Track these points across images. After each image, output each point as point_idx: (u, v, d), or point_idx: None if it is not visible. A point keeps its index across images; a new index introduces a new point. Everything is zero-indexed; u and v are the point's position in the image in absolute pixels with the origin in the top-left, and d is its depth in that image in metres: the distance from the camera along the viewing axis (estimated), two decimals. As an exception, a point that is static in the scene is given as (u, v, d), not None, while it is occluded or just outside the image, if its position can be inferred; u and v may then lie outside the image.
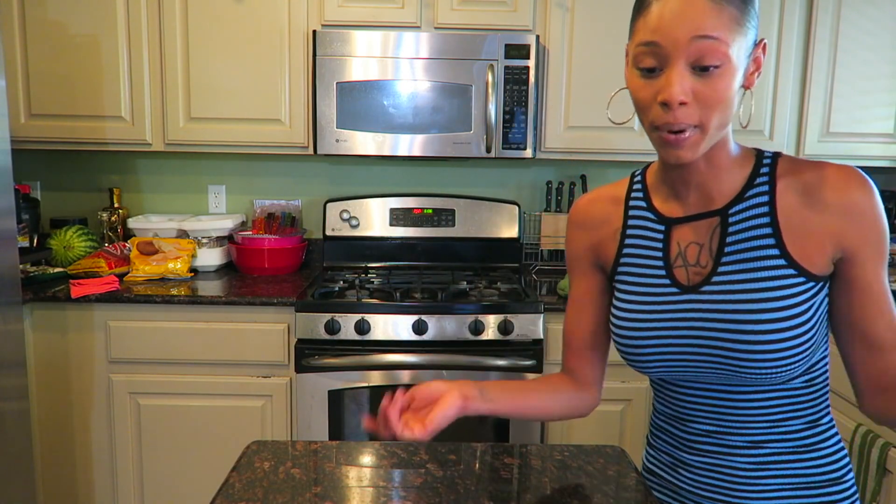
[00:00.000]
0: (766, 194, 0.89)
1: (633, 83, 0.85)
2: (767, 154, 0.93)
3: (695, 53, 0.79)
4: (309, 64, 2.32)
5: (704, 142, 0.84)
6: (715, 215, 0.92)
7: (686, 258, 0.93)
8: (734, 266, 0.89)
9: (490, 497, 0.95)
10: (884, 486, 1.74)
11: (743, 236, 0.89)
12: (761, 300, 0.87)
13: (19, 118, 2.31)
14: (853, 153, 2.43)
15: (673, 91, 0.80)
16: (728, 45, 0.79)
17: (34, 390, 2.14)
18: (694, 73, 0.80)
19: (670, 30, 0.79)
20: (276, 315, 2.12)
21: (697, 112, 0.81)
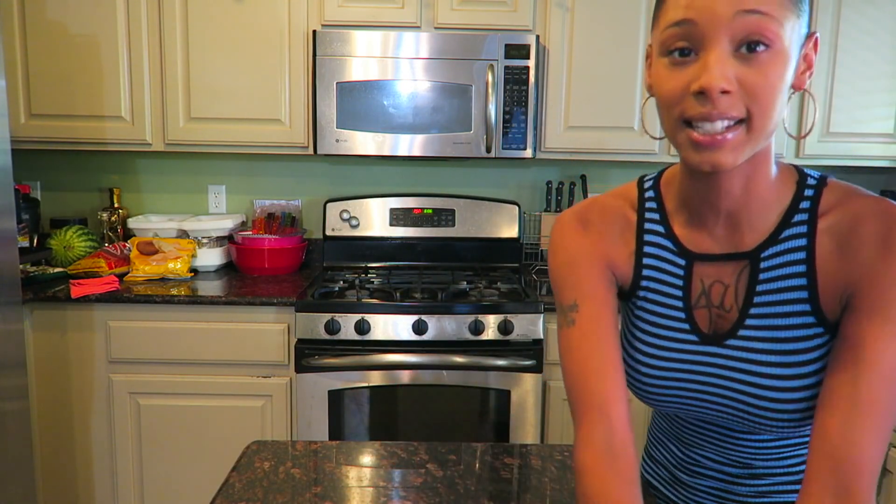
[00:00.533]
0: (805, 236, 0.75)
1: (660, 75, 0.71)
2: (812, 179, 0.78)
3: (740, 31, 0.65)
4: (309, 64, 2.32)
5: (749, 145, 0.68)
6: (745, 258, 0.78)
7: (710, 298, 0.81)
8: (762, 321, 0.78)
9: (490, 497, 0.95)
10: (884, 486, 1.74)
11: (775, 286, 0.77)
12: (789, 364, 0.76)
13: (19, 118, 2.31)
14: (853, 153, 2.43)
15: (713, 75, 0.65)
16: (780, 23, 0.65)
17: (34, 390, 2.14)
18: (738, 58, 0.66)
19: (709, 2, 0.65)
20: (276, 315, 2.12)
21: (743, 103, 0.66)
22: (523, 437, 2.13)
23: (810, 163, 2.46)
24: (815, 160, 2.45)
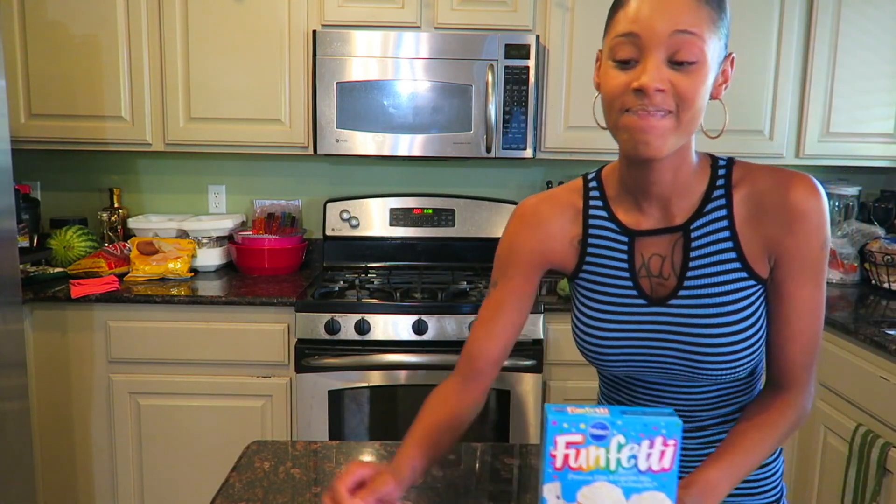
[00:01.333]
0: (724, 207, 0.91)
1: (607, 74, 0.84)
2: (721, 162, 0.94)
3: (673, 47, 0.80)
4: (309, 64, 2.32)
5: (675, 136, 0.83)
6: (677, 231, 0.92)
7: (650, 269, 0.94)
8: (699, 280, 0.91)
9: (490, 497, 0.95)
10: (884, 486, 1.74)
11: (706, 251, 0.91)
12: (727, 313, 0.90)
13: (19, 118, 2.31)
14: (853, 153, 2.43)
15: (650, 76, 0.79)
16: (705, 42, 0.80)
17: (34, 390, 2.14)
18: (670, 66, 0.80)
19: (651, 21, 0.80)
20: (276, 315, 2.12)
21: (673, 101, 0.81)
22: (523, 437, 2.13)
23: (810, 163, 2.46)
24: (816, 160, 2.45)
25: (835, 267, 2.51)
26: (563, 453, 0.75)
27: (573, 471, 0.75)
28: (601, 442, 0.74)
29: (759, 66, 2.36)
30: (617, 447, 0.74)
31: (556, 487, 0.76)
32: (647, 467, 0.75)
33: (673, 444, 0.74)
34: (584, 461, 0.75)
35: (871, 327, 1.89)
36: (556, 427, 0.74)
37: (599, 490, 0.76)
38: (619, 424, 0.74)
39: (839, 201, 2.68)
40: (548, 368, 2.15)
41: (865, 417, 1.85)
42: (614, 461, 0.75)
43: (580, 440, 0.74)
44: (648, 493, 0.76)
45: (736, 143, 2.39)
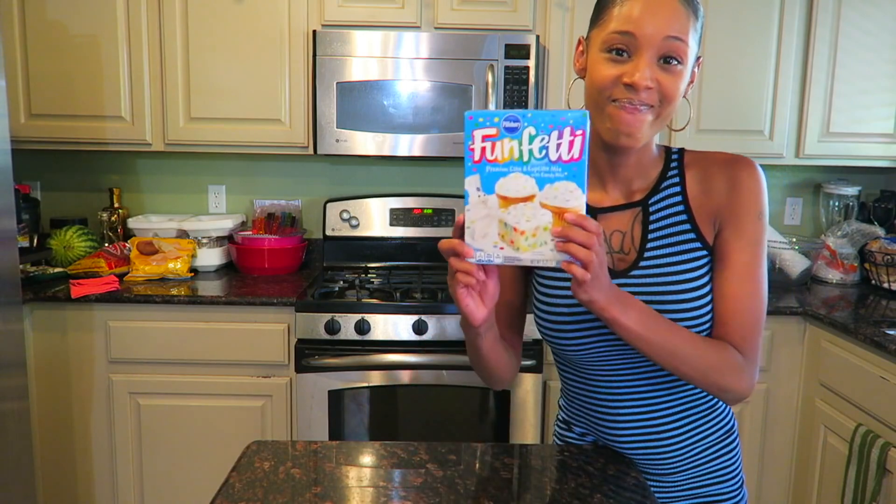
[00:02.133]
0: (678, 184, 1.00)
1: (600, 65, 0.92)
2: (674, 150, 1.03)
3: (664, 49, 0.89)
4: (309, 64, 2.32)
5: (653, 128, 0.93)
6: (637, 206, 1.00)
7: (611, 245, 1.01)
8: (658, 251, 0.98)
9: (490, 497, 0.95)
10: (884, 486, 1.74)
11: (663, 223, 0.99)
12: (684, 280, 0.97)
13: (19, 118, 2.31)
14: (853, 153, 2.43)
15: (643, 75, 0.88)
16: (688, 47, 0.91)
17: (34, 390, 2.14)
18: (658, 66, 0.90)
19: (646, 25, 0.88)
20: (276, 315, 2.12)
21: (657, 97, 0.90)
22: (523, 437, 2.13)
23: (810, 163, 2.46)
24: (816, 160, 2.45)
25: (835, 267, 2.51)
26: (480, 146, 0.81)
27: (490, 163, 0.81)
28: (514, 134, 0.80)
29: (759, 66, 2.36)
30: (529, 139, 0.80)
31: (476, 180, 0.82)
32: (558, 157, 0.80)
33: (581, 135, 0.79)
34: (500, 153, 0.81)
35: (871, 327, 1.89)
36: (472, 122, 0.80)
37: (515, 181, 0.81)
38: (529, 117, 0.80)
39: (839, 201, 2.68)
40: (548, 368, 2.15)
41: (865, 417, 1.85)
42: (527, 153, 0.80)
43: (495, 133, 0.80)
44: (560, 183, 0.81)
45: (736, 143, 2.39)
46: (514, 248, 0.83)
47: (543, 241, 0.82)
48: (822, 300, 2.24)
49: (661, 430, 1.04)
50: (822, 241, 2.54)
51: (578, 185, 0.80)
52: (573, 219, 0.80)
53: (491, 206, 0.82)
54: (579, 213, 0.80)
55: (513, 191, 0.81)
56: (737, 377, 0.94)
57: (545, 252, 0.82)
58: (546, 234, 0.82)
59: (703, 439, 1.06)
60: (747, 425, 2.19)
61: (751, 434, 2.20)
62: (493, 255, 0.83)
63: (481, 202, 0.82)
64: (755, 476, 2.23)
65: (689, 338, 0.93)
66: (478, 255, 0.84)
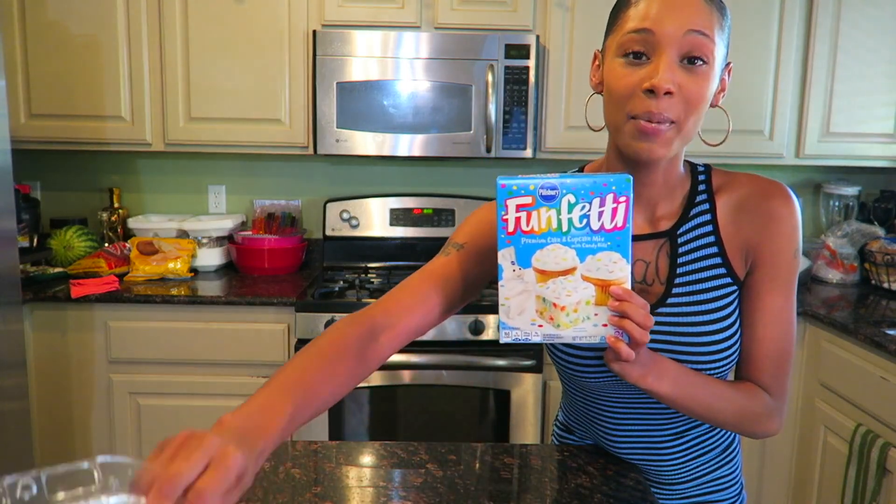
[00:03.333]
0: (709, 212, 0.92)
1: (615, 72, 0.84)
2: (701, 167, 0.96)
3: (686, 46, 0.80)
4: (309, 64, 2.32)
5: (676, 142, 0.84)
6: (663, 236, 0.93)
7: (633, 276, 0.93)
8: (687, 287, 0.91)
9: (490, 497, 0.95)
10: (884, 486, 1.74)
11: (692, 256, 0.92)
12: (714, 320, 0.91)
13: (19, 118, 2.31)
14: (853, 153, 2.43)
15: (664, 77, 0.79)
16: (714, 44, 0.81)
17: (34, 390, 2.14)
18: (681, 67, 0.81)
19: (665, 19, 0.80)
20: (276, 315, 2.12)
21: (679, 107, 0.81)
22: (523, 437, 2.13)
23: (810, 163, 2.46)
24: (815, 160, 2.45)
25: (835, 267, 2.50)
26: (514, 217, 0.75)
27: (525, 234, 0.75)
28: (551, 203, 0.74)
29: (759, 66, 2.36)
30: (568, 207, 0.74)
31: (511, 253, 0.76)
32: (600, 226, 0.74)
33: (625, 201, 0.74)
34: (536, 223, 0.75)
35: (871, 327, 1.89)
36: (506, 190, 0.74)
37: (554, 253, 0.75)
38: (568, 184, 0.74)
39: (839, 201, 2.68)
40: (548, 369, 2.15)
41: (865, 417, 1.85)
42: (566, 222, 0.74)
43: (530, 202, 0.74)
44: (603, 254, 0.75)
45: (736, 143, 2.39)
46: (554, 325, 0.77)
47: (586, 315, 0.76)
48: (822, 300, 2.24)
49: (663, 446, 1.02)
50: (822, 241, 2.54)
51: (623, 255, 0.75)
52: (621, 293, 0.75)
53: (528, 281, 0.76)
54: (626, 288, 0.75)
55: (551, 264, 0.75)
56: (769, 421, 0.92)
57: (587, 328, 0.77)
58: (588, 309, 0.76)
59: (705, 454, 1.04)
60: (747, 425, 2.19)
61: (751, 434, 2.19)
62: (532, 333, 0.77)
63: (517, 277, 0.76)
64: (755, 476, 2.23)
65: (723, 391, 0.89)
66: (514, 333, 0.77)
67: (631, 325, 0.75)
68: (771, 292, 0.91)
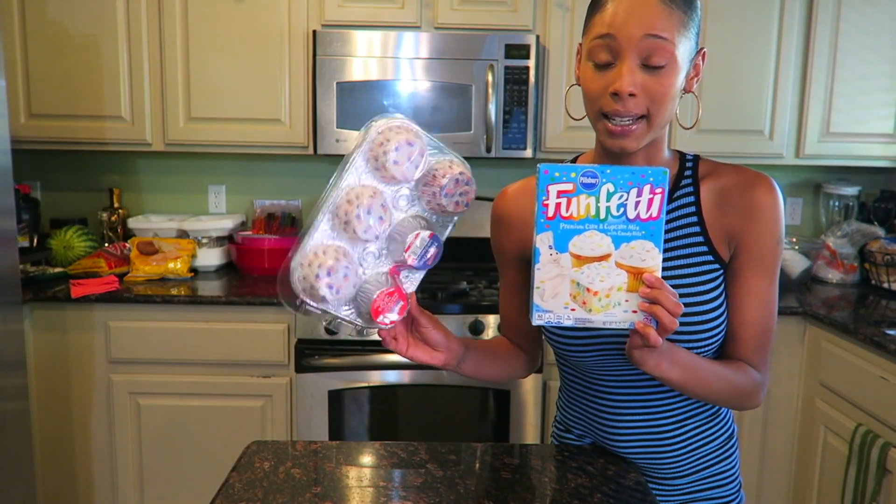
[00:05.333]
0: (692, 195, 0.98)
1: (586, 75, 0.91)
2: (689, 157, 1.01)
3: (645, 50, 0.86)
4: (309, 64, 2.32)
5: (650, 133, 0.90)
6: None
7: None
8: (671, 262, 0.96)
9: (490, 497, 0.95)
10: (884, 486, 1.74)
11: (676, 234, 0.97)
12: (696, 293, 0.96)
13: (19, 118, 2.31)
14: (853, 153, 2.43)
15: (624, 82, 0.86)
16: (675, 45, 0.87)
17: (34, 390, 2.14)
18: (643, 68, 0.87)
19: (625, 25, 0.86)
20: (276, 315, 2.12)
21: (645, 104, 0.87)
22: (523, 437, 2.13)
23: (810, 163, 2.46)
24: (815, 160, 2.45)
25: (835, 267, 2.50)
26: (554, 202, 0.78)
27: (564, 220, 0.78)
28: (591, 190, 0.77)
29: (759, 66, 2.36)
30: (606, 196, 0.77)
31: (549, 237, 0.79)
32: (636, 216, 0.77)
33: (661, 192, 0.77)
34: (576, 209, 0.77)
35: (871, 327, 1.89)
36: (548, 176, 0.77)
37: (590, 239, 0.78)
38: (608, 173, 0.77)
39: (839, 201, 2.68)
40: (548, 368, 2.15)
41: (865, 417, 1.85)
42: (604, 210, 0.77)
43: (571, 189, 0.77)
44: (637, 242, 0.78)
45: (736, 143, 2.40)
46: (587, 310, 0.80)
47: (617, 301, 0.79)
48: (822, 300, 2.24)
49: (662, 436, 1.04)
50: (822, 241, 2.54)
51: (656, 244, 0.78)
52: (653, 281, 0.78)
53: (564, 266, 0.79)
54: (658, 276, 0.79)
55: (587, 250, 0.78)
56: (756, 396, 0.99)
57: (617, 313, 0.80)
58: (620, 295, 0.79)
59: (704, 446, 1.05)
60: (747, 425, 2.19)
61: (751, 434, 2.20)
62: (563, 316, 0.81)
63: (553, 261, 0.79)
64: (755, 476, 2.23)
65: (721, 372, 0.94)
66: (546, 316, 0.81)
67: (662, 311, 0.79)
68: (756, 277, 0.96)
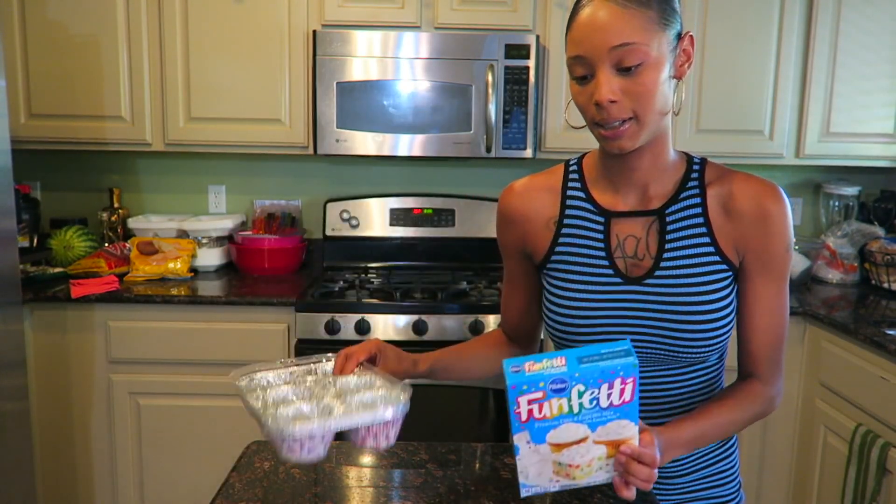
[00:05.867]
0: (698, 196, 0.98)
1: (573, 89, 0.94)
2: (696, 160, 1.01)
3: (615, 59, 0.87)
4: (309, 64, 2.32)
5: (643, 131, 0.91)
6: (652, 214, 0.99)
7: (625, 250, 1.00)
8: (675, 262, 0.97)
9: (490, 497, 0.95)
10: (884, 486, 1.74)
11: (681, 234, 0.97)
12: (700, 293, 0.96)
13: (19, 118, 2.31)
14: (853, 153, 2.43)
15: (602, 91, 0.87)
16: (646, 44, 0.87)
17: (34, 390, 2.14)
18: (620, 74, 0.88)
19: (590, 43, 0.87)
20: (276, 315, 2.12)
21: (629, 106, 0.88)
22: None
23: (810, 163, 2.46)
24: (815, 160, 2.45)
25: (835, 267, 2.50)
26: (526, 409, 0.79)
27: (539, 420, 0.79)
28: (562, 393, 0.78)
29: (759, 66, 2.36)
30: (578, 394, 0.78)
31: (526, 436, 0.81)
32: (609, 404, 0.79)
33: (631, 381, 0.78)
34: (549, 411, 0.80)
35: (871, 327, 1.89)
36: (516, 391, 0.78)
37: (567, 429, 0.80)
38: (577, 376, 0.77)
39: (839, 201, 2.68)
40: (548, 368, 2.15)
41: (865, 417, 1.85)
42: (577, 405, 0.79)
43: (541, 396, 0.78)
44: (613, 423, 0.80)
45: (736, 143, 2.39)
46: (571, 479, 0.84)
47: (599, 467, 0.83)
48: (822, 300, 2.24)
49: None
50: (822, 241, 2.54)
51: (631, 420, 0.80)
52: (630, 452, 0.81)
53: (543, 453, 0.82)
54: (633, 447, 0.81)
55: (565, 438, 0.81)
56: (770, 410, 1.00)
57: (600, 475, 0.84)
58: (601, 462, 0.83)
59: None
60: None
61: (751, 434, 2.20)
62: (549, 486, 0.84)
63: (533, 452, 0.82)
64: (755, 476, 2.23)
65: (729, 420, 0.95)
66: (533, 489, 0.84)
67: (635, 480, 0.82)
68: (765, 284, 0.97)
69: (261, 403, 0.85)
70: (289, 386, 0.91)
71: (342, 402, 0.85)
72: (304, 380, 0.94)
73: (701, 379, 1.02)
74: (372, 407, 0.84)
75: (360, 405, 0.84)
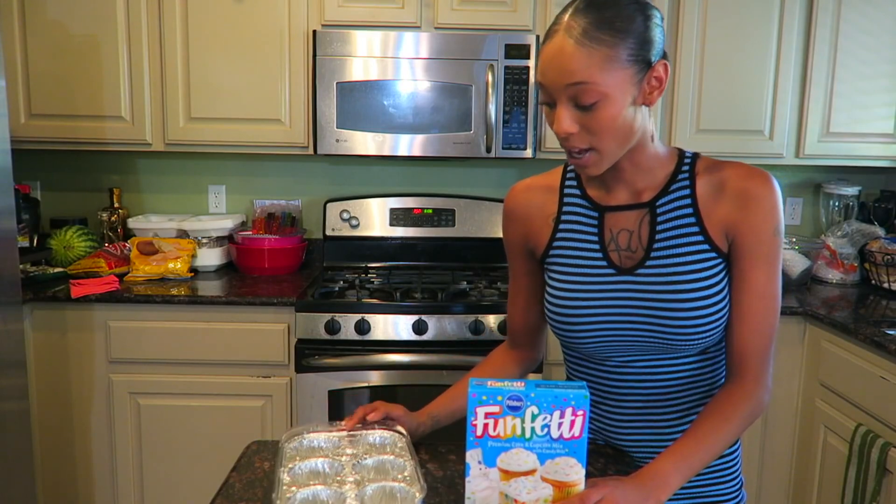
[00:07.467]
0: (688, 188, 1.00)
1: (546, 114, 0.96)
2: (688, 154, 1.04)
3: (571, 95, 0.90)
4: (309, 64, 2.32)
5: (605, 161, 0.94)
6: (644, 207, 1.02)
7: (618, 243, 1.03)
8: (665, 251, 1.00)
9: (490, 497, 0.95)
10: (884, 486, 1.74)
11: (670, 224, 1.00)
12: (691, 280, 0.98)
13: (19, 118, 2.31)
14: (853, 153, 2.43)
15: (559, 125, 0.92)
16: (602, 84, 0.88)
17: (34, 390, 2.14)
18: (577, 109, 0.90)
19: (550, 76, 0.90)
20: (276, 315, 2.12)
21: (587, 138, 0.92)
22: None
23: (810, 163, 2.46)
24: (815, 160, 2.45)
25: (835, 267, 2.51)
26: (482, 423, 0.83)
27: (492, 438, 0.83)
28: (517, 412, 0.83)
29: (759, 66, 2.36)
30: (531, 417, 0.83)
31: (478, 454, 0.84)
32: (559, 435, 0.83)
33: (581, 415, 0.82)
34: (502, 430, 0.83)
35: (871, 327, 1.89)
36: (476, 399, 0.83)
37: (517, 456, 0.84)
38: (532, 396, 0.82)
39: (839, 201, 2.68)
40: (547, 368, 2.15)
41: (865, 417, 1.85)
42: (529, 430, 0.83)
43: (498, 411, 0.83)
44: (561, 459, 0.84)
45: (736, 143, 2.40)
46: None
47: None
48: (822, 300, 2.24)
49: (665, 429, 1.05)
50: (822, 241, 2.54)
51: (579, 460, 0.83)
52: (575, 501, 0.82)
53: (492, 479, 0.84)
54: (580, 496, 0.82)
55: (514, 465, 0.84)
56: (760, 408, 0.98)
57: None
58: None
59: None
60: (747, 425, 2.19)
61: (751, 434, 2.20)
62: None
63: (483, 475, 0.84)
64: (755, 476, 2.23)
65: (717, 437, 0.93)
66: None
67: None
68: (753, 269, 0.97)
69: (282, 487, 0.89)
70: (324, 460, 0.96)
71: (357, 495, 0.87)
72: (344, 452, 0.99)
73: (702, 367, 1.04)
74: (386, 499, 0.89)
75: (373, 496, 0.88)
